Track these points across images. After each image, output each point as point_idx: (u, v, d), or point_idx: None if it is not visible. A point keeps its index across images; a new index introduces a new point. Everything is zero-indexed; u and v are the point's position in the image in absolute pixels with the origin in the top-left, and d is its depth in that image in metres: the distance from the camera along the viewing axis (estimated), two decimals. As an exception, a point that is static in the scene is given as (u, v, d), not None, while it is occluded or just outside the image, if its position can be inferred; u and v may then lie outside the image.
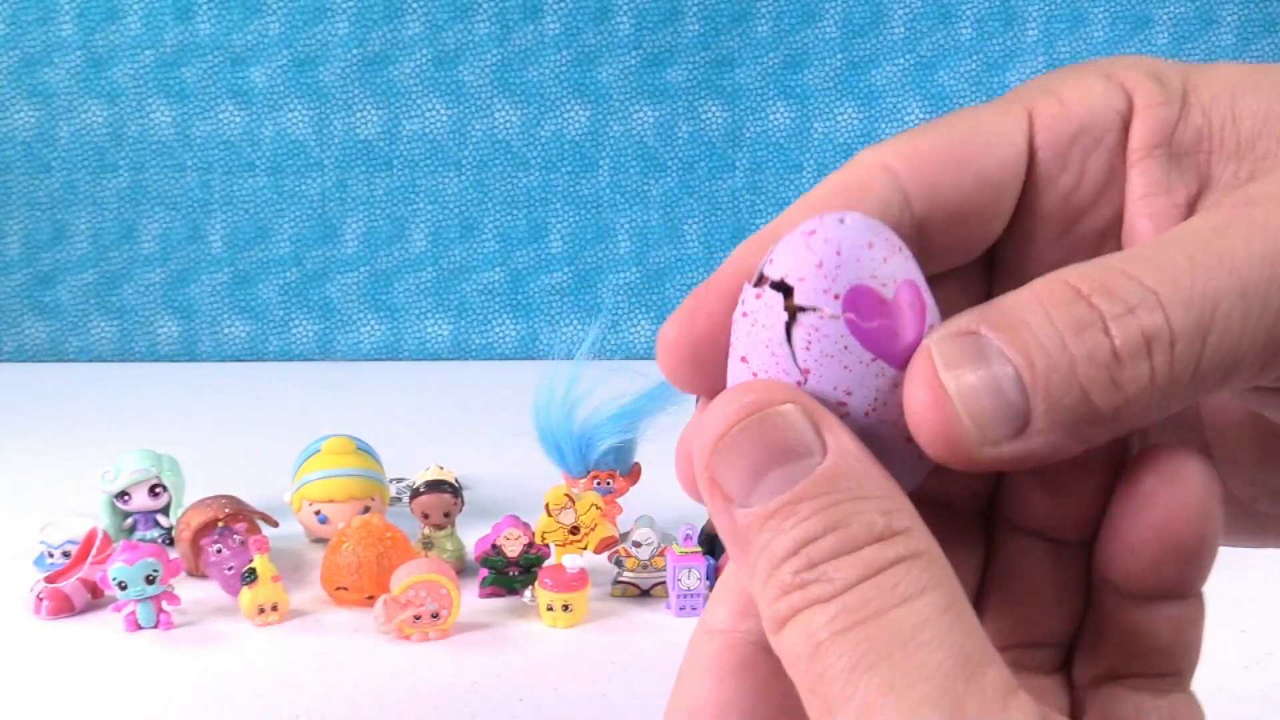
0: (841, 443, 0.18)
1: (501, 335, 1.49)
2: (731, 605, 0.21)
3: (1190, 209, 0.20)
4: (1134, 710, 0.20)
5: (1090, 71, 0.22)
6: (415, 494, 0.69)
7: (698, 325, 0.21)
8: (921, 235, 0.21)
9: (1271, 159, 0.20)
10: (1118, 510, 0.20)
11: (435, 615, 0.59)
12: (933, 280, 0.20)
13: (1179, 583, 0.20)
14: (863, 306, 0.19)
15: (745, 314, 0.20)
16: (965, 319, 0.18)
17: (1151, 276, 0.17)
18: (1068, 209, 0.22)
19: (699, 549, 0.64)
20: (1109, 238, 0.22)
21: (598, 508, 0.68)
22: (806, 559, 0.17)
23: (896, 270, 0.19)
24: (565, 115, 1.45)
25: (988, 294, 0.23)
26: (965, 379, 0.18)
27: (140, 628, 0.61)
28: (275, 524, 0.72)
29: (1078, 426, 0.17)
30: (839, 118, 1.44)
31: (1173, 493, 0.19)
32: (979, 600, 0.22)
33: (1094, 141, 0.21)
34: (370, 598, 0.62)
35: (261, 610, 0.62)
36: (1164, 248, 0.18)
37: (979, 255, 0.22)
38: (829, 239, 0.19)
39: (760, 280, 0.19)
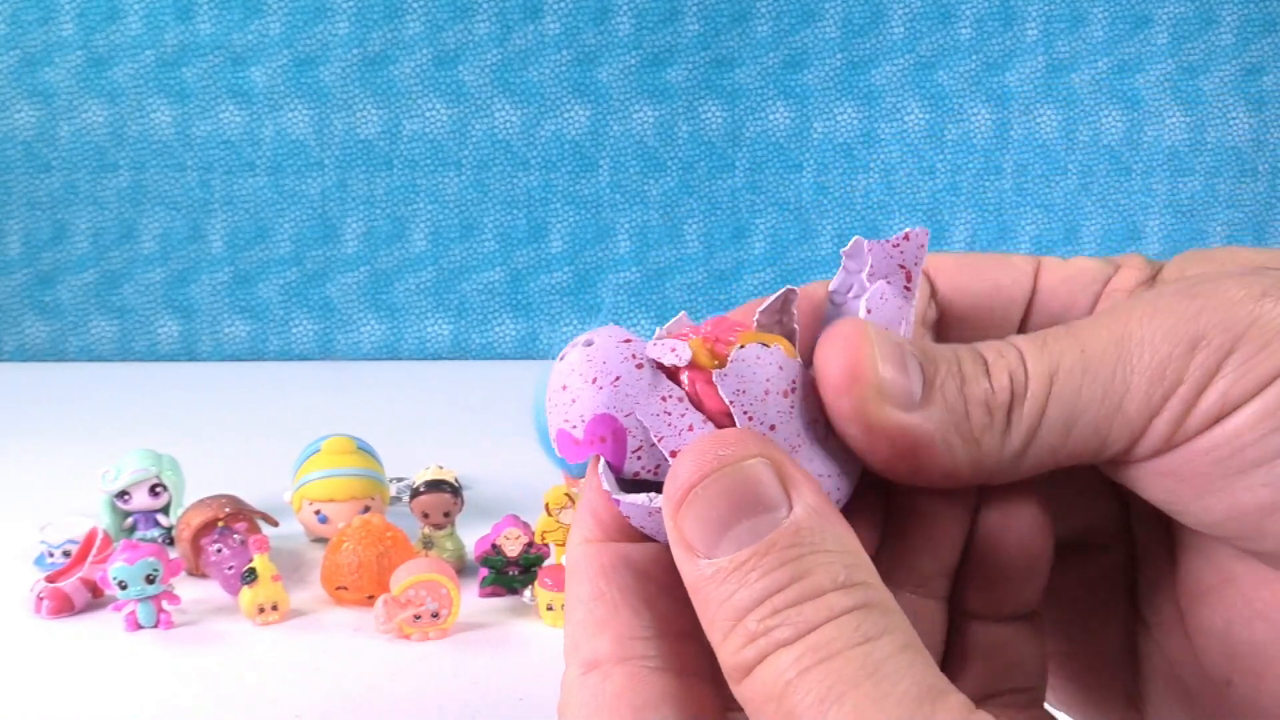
0: (807, 499, 0.19)
1: (501, 335, 1.49)
2: (611, 634, 0.21)
3: None
4: None
5: (1096, 257, 0.26)
6: (415, 493, 0.69)
7: None
8: (943, 324, 0.26)
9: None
10: (975, 549, 0.23)
11: (435, 615, 0.59)
12: None
13: (1029, 600, 0.23)
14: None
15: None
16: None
17: (1022, 341, 0.22)
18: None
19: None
20: None
21: (598, 507, 0.68)
22: (771, 607, 0.18)
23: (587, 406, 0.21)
24: (565, 115, 1.45)
25: None
26: (884, 351, 0.21)
27: (140, 627, 0.61)
28: (275, 523, 0.72)
29: (950, 433, 0.21)
30: (839, 118, 1.44)
31: (1018, 525, 0.22)
32: None
33: (1083, 286, 0.25)
34: (370, 597, 0.63)
35: (261, 610, 0.62)
36: (1041, 331, 0.22)
37: None
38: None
39: None
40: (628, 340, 0.22)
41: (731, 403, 0.20)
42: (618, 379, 0.21)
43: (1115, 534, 0.25)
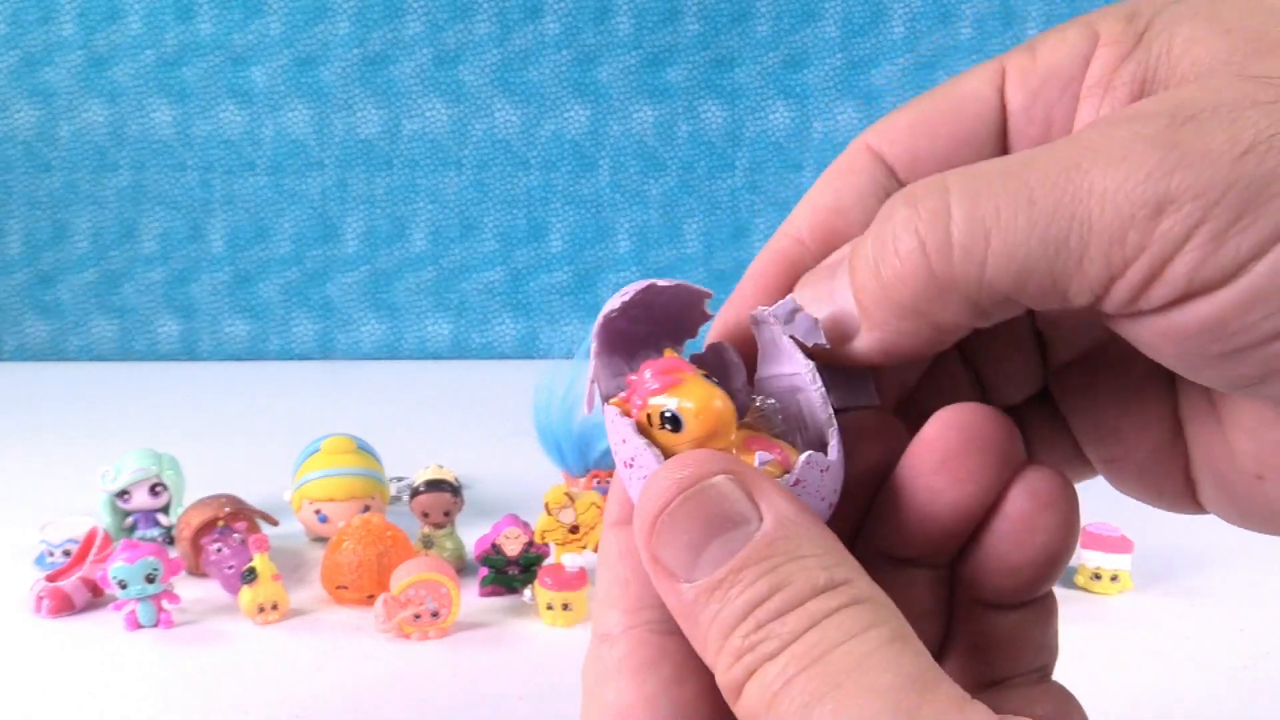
0: (776, 507, 0.19)
1: (501, 335, 1.49)
2: (621, 607, 0.21)
3: None
4: (1022, 702, 0.22)
5: (1072, 23, 0.22)
6: (415, 493, 0.69)
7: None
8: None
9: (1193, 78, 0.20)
10: (994, 536, 0.22)
11: (435, 614, 0.59)
12: None
13: (1043, 589, 0.23)
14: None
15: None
16: (848, 246, 0.22)
17: (956, 183, 0.19)
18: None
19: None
20: None
21: (597, 507, 0.68)
22: (755, 621, 0.17)
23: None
24: (565, 115, 1.45)
25: None
26: (806, 296, 0.22)
27: (140, 627, 0.61)
28: (275, 523, 0.73)
29: (892, 320, 0.20)
30: (839, 117, 1.44)
31: (1050, 516, 0.22)
32: None
33: (1060, 89, 0.22)
34: (370, 597, 0.63)
35: (261, 609, 0.62)
36: (988, 161, 0.20)
37: None
38: None
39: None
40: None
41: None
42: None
43: None
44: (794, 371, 0.22)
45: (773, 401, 0.22)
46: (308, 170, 1.44)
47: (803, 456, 0.20)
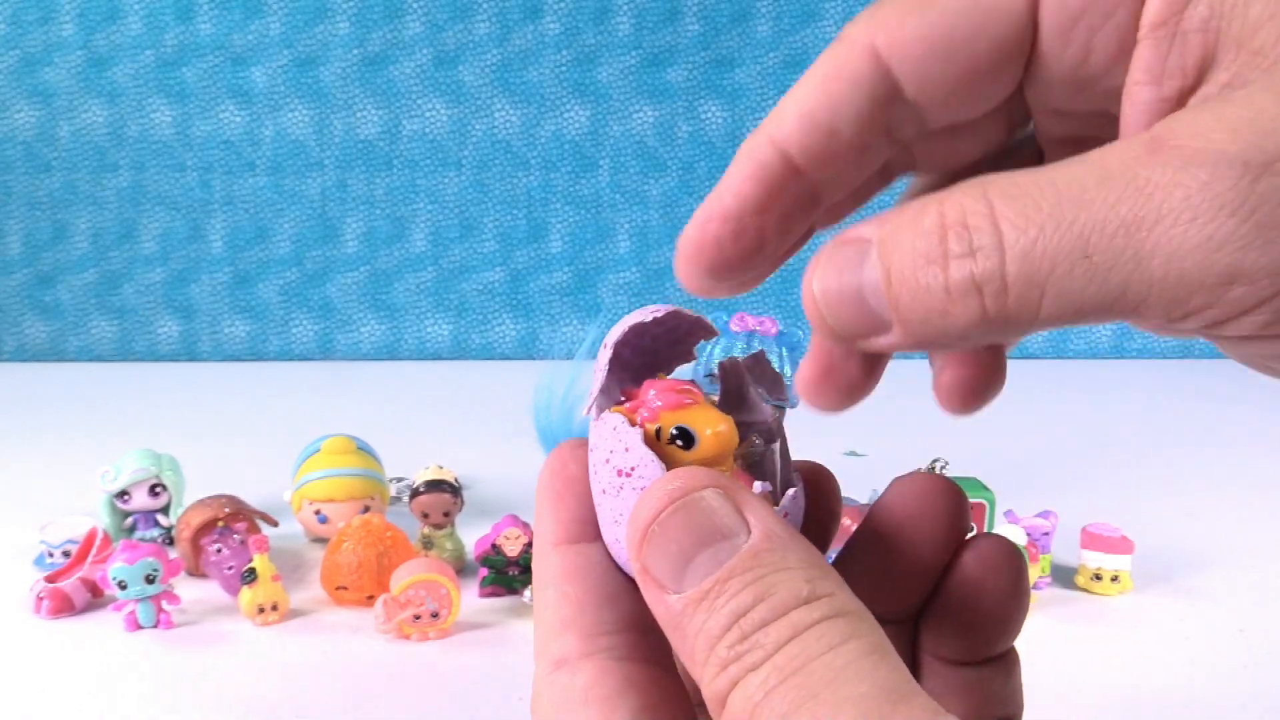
0: (763, 521, 0.19)
1: (501, 335, 1.49)
2: (576, 632, 0.21)
3: (1180, 102, 0.19)
4: None
5: None
6: (415, 493, 0.69)
7: (708, 232, 0.22)
8: (917, 112, 0.21)
9: (1263, 56, 0.18)
10: (948, 598, 0.23)
11: (435, 615, 0.59)
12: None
13: (999, 647, 0.23)
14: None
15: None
16: (868, 223, 0.20)
17: (1007, 218, 0.18)
18: (1075, 78, 0.21)
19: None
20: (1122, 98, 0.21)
21: (597, 507, 0.68)
22: (739, 632, 0.18)
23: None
24: (565, 115, 1.45)
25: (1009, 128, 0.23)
26: (831, 286, 0.20)
27: (140, 627, 0.61)
28: (275, 523, 0.72)
29: (929, 339, 0.19)
30: (839, 118, 1.44)
31: (997, 580, 0.23)
32: None
33: (1103, 16, 0.20)
34: (370, 597, 0.63)
35: (261, 610, 0.62)
36: (1043, 187, 0.18)
37: (990, 109, 0.22)
38: None
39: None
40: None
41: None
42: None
43: None
44: (758, 420, 0.23)
45: (760, 443, 0.23)
46: (308, 170, 1.44)
47: (790, 491, 0.21)
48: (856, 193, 0.24)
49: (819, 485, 0.24)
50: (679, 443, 0.21)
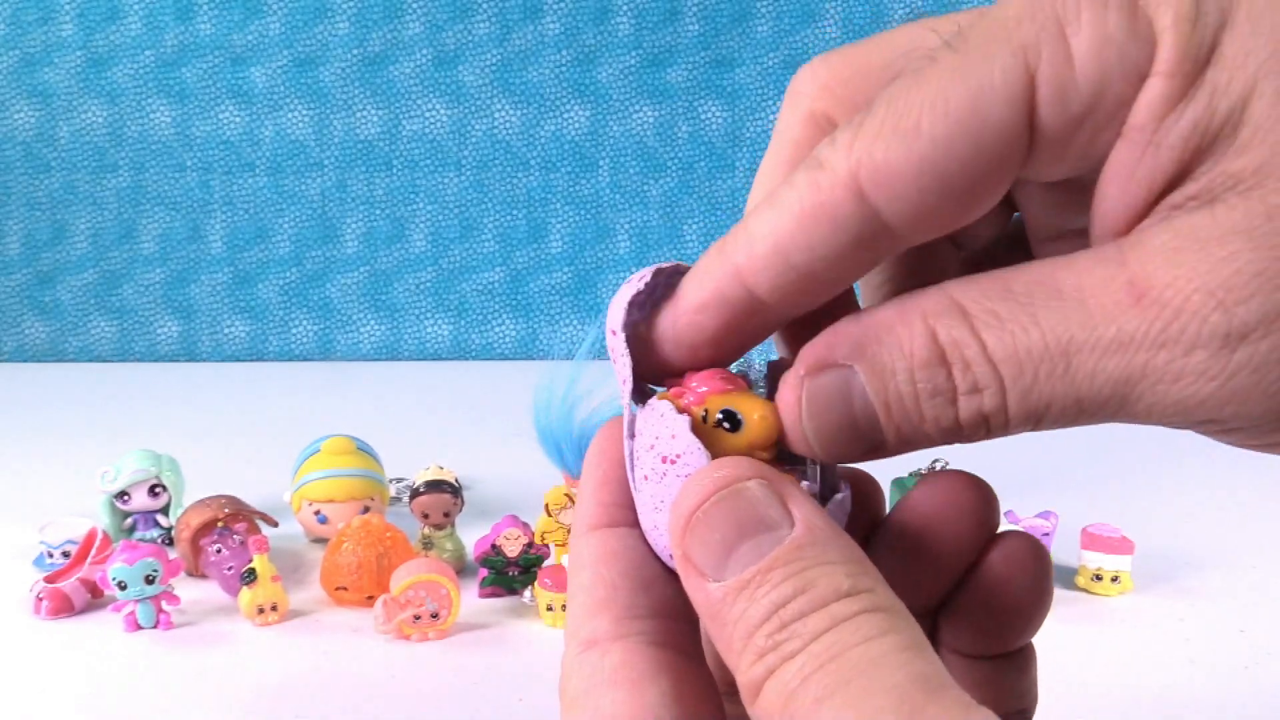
0: (807, 515, 0.19)
1: (501, 335, 1.49)
2: (609, 614, 0.21)
3: (1158, 197, 0.19)
4: None
5: (1113, 5, 0.18)
6: (415, 494, 0.69)
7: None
8: (899, 238, 0.20)
9: (1241, 181, 0.18)
10: (971, 595, 0.23)
11: (435, 615, 0.59)
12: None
13: (1017, 643, 0.23)
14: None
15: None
16: (840, 341, 0.20)
17: (1004, 363, 0.19)
18: (1070, 181, 0.20)
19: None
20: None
21: (597, 508, 0.68)
22: (779, 621, 0.18)
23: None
24: (565, 115, 1.45)
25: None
26: (822, 425, 0.20)
27: (140, 628, 0.61)
28: (275, 524, 0.72)
29: (918, 448, 0.20)
30: (839, 118, 1.44)
31: (1023, 578, 0.23)
32: None
33: (1106, 118, 0.18)
34: (370, 598, 0.62)
35: (261, 610, 0.62)
36: (1028, 328, 0.18)
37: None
38: None
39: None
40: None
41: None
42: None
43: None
44: None
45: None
46: (307, 171, 1.44)
47: (837, 496, 0.22)
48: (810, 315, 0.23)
49: (863, 491, 0.24)
50: (725, 425, 0.21)
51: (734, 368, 0.24)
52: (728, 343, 0.22)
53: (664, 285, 0.23)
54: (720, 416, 0.21)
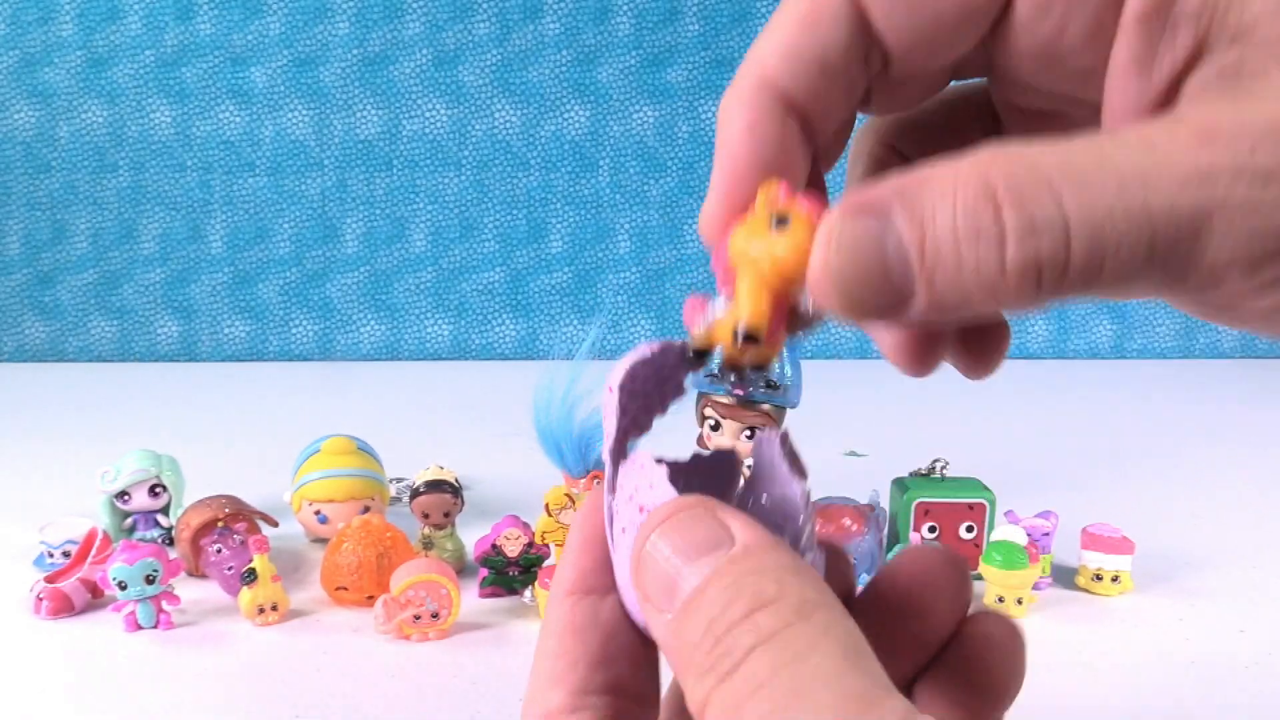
0: (745, 529, 0.19)
1: (501, 335, 1.49)
2: (566, 687, 0.21)
3: (1169, 92, 0.19)
4: None
5: None
6: (415, 494, 0.69)
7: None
8: (884, 53, 0.21)
9: (1266, 50, 0.18)
10: (946, 669, 0.23)
11: (435, 615, 0.59)
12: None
13: (994, 718, 0.23)
14: None
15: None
16: (884, 189, 0.18)
17: (1072, 197, 0.17)
18: (1046, 53, 0.21)
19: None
20: (1094, 77, 0.21)
21: (598, 508, 0.68)
22: (713, 637, 0.18)
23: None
24: (565, 115, 1.45)
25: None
26: (859, 263, 0.18)
27: (140, 628, 0.61)
28: (275, 524, 0.72)
29: (952, 313, 0.18)
30: (839, 118, 1.44)
31: (999, 658, 0.23)
32: None
33: (1079, 4, 0.20)
34: (370, 598, 0.62)
35: (261, 610, 0.62)
36: (1105, 169, 0.17)
37: (943, 79, 0.23)
38: None
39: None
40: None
41: None
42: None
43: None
44: (787, 495, 0.23)
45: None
46: (307, 171, 1.44)
47: (809, 555, 0.22)
48: (839, 133, 0.23)
49: (834, 563, 0.24)
50: (778, 222, 0.20)
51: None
52: (780, 158, 0.22)
53: (671, 366, 0.23)
54: (775, 217, 0.20)
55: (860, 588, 0.24)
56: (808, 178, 0.23)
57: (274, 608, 0.62)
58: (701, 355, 0.22)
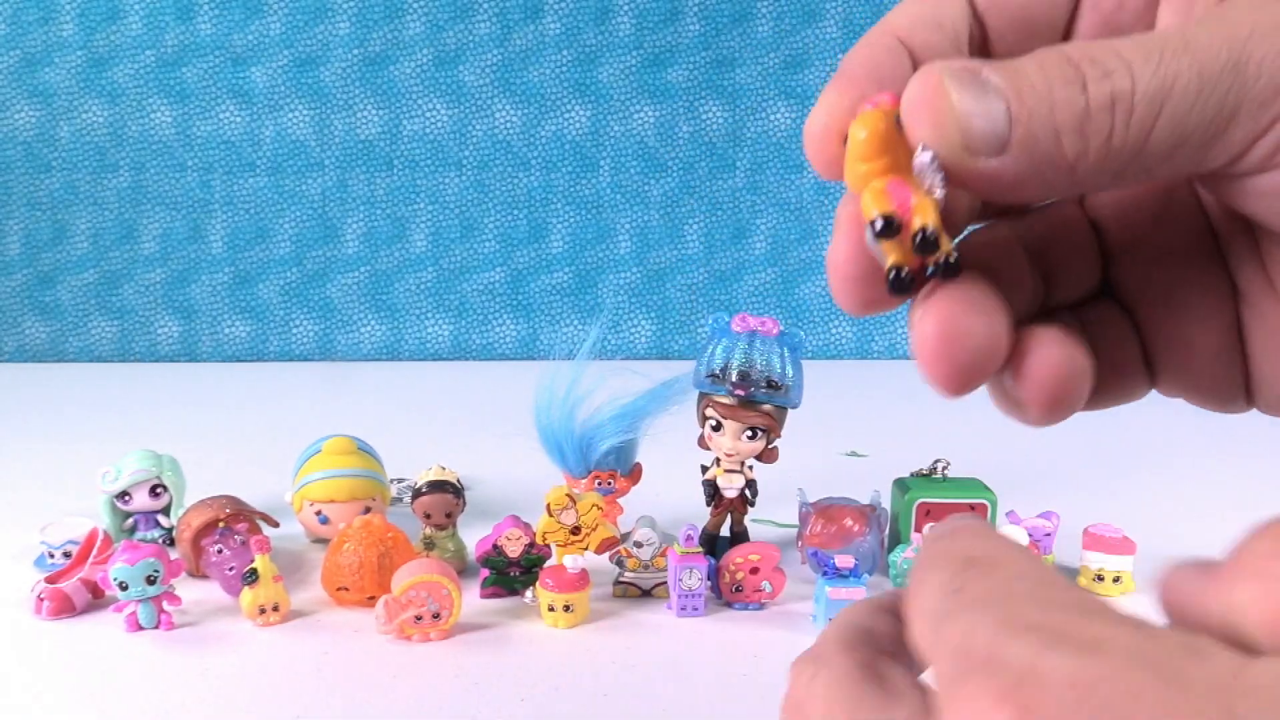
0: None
1: (502, 335, 1.49)
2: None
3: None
4: None
5: None
6: (417, 494, 0.69)
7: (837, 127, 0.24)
8: (987, 40, 0.25)
9: None
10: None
11: (436, 615, 0.59)
12: None
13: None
14: None
15: None
16: (971, 60, 0.21)
17: (1130, 52, 0.21)
18: (1108, 29, 0.24)
19: (700, 549, 0.64)
20: None
21: (599, 508, 0.68)
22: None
23: None
24: (565, 115, 1.45)
25: None
26: (965, 100, 0.21)
27: (141, 628, 0.61)
28: (276, 524, 0.72)
29: (1042, 165, 0.21)
30: (839, 118, 1.44)
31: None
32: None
33: None
34: (371, 598, 0.62)
35: (262, 610, 0.62)
36: (1149, 36, 0.21)
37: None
38: None
39: None
40: None
41: None
42: None
43: (1199, 234, 0.26)
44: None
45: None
46: (308, 171, 1.44)
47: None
48: None
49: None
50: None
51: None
52: (895, 74, 0.24)
53: None
54: (895, 115, 0.22)
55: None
56: None
57: (275, 608, 0.62)
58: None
